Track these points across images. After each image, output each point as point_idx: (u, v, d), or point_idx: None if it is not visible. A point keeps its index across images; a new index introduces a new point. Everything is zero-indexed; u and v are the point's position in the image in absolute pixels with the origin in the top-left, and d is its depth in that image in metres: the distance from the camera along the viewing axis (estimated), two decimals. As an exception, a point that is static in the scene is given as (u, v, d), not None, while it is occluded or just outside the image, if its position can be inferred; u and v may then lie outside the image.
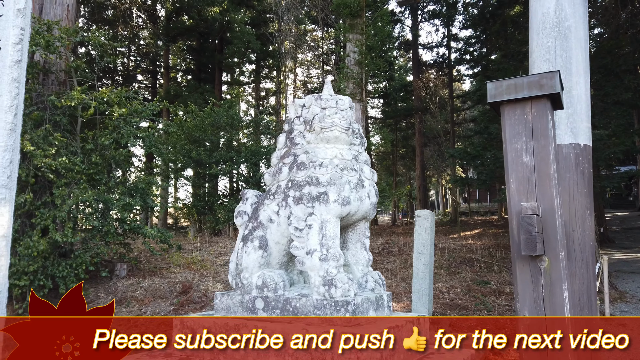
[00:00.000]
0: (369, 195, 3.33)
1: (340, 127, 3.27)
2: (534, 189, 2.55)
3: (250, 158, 15.04)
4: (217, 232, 16.08)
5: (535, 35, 3.92)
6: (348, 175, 3.22)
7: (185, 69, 26.78)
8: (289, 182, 3.29)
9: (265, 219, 3.42)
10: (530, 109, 2.60)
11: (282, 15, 20.82)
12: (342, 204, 3.11)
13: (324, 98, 3.39)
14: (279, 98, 26.88)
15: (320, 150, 3.27)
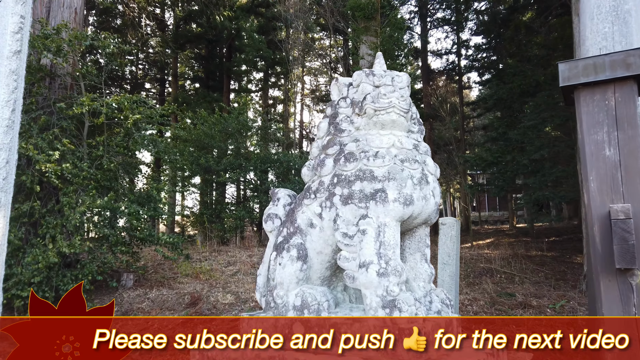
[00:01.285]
0: (433, 194, 2.80)
1: (399, 108, 2.72)
2: (621, 188, 2.16)
3: (259, 165, 14.71)
4: (225, 241, 15.80)
5: (589, 21, 3.54)
6: (410, 168, 2.70)
7: (193, 77, 26.62)
8: (335, 177, 2.78)
9: (305, 223, 2.90)
10: (612, 93, 2.22)
11: (290, 22, 20.64)
12: (405, 204, 2.59)
13: (377, 74, 2.87)
14: (287, 106, 26.65)
15: (373, 138, 2.76)
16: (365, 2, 10.60)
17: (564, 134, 12.28)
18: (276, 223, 3.17)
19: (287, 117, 24.72)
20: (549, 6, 16.68)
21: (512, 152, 12.77)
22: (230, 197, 17.76)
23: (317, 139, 3.17)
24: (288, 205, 3.21)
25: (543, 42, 15.83)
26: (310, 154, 3.18)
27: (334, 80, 3.20)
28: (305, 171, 3.08)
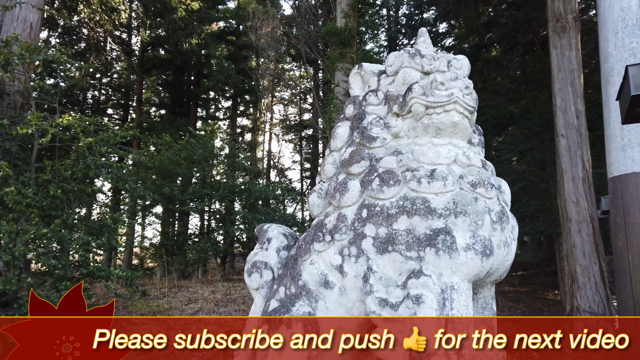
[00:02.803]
0: (513, 236, 2.03)
1: (464, 104, 2.00)
2: None
3: (226, 195, 13.97)
4: (187, 275, 14.86)
5: (612, 36, 3.16)
6: (485, 197, 1.92)
7: (159, 103, 25.78)
8: (363, 208, 1.95)
9: (315, 281, 2.00)
10: (701, 105, 1.74)
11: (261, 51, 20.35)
12: (483, 255, 1.79)
13: (427, 55, 2.13)
14: (255, 135, 26.10)
15: (424, 149, 1.97)
16: (341, 28, 10.31)
17: (539, 168, 12.15)
18: (266, 276, 2.21)
19: (255, 146, 24.12)
20: (516, 43, 16.99)
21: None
22: (193, 228, 16.84)
23: (331, 152, 2.27)
24: (284, 250, 2.28)
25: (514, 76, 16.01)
26: (321, 172, 2.28)
27: (355, 68, 2.35)
28: (315, 199, 2.23)
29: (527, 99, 13.96)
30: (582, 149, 8.50)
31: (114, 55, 23.17)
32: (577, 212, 8.11)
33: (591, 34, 15.56)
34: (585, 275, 7.73)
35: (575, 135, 8.59)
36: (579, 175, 8.32)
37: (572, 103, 8.74)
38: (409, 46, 2.21)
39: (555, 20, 9.18)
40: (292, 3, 21.80)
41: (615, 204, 3.05)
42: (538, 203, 11.14)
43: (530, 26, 15.68)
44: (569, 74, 8.89)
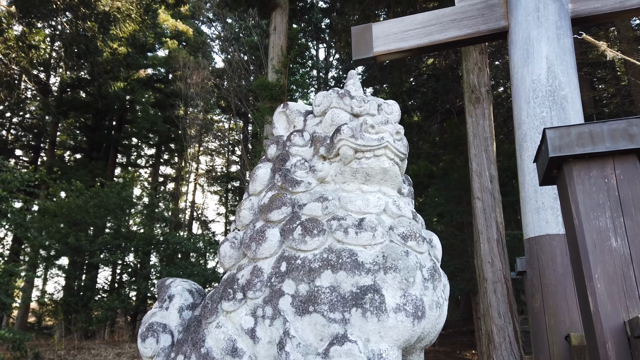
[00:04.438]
0: (444, 296, 1.90)
1: (395, 150, 1.85)
2: (637, 292, 1.65)
3: (141, 246, 13.08)
4: (90, 334, 13.46)
5: (525, 105, 3.36)
6: (416, 251, 1.78)
7: (75, 147, 24.28)
8: (282, 261, 1.74)
9: (221, 348, 1.70)
10: (612, 169, 1.79)
11: (190, 100, 20.09)
12: (415, 317, 1.61)
13: (357, 96, 1.99)
14: (178, 185, 25.20)
15: (352, 196, 1.81)
16: (272, 83, 10.43)
17: (457, 229, 12.65)
18: (163, 342, 1.85)
19: (177, 197, 23.20)
20: (435, 110, 18.17)
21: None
22: (102, 283, 15.49)
23: (249, 196, 2.05)
24: (188, 309, 1.94)
25: (434, 141, 16.93)
26: (236, 219, 2.04)
27: (280, 107, 2.20)
28: (227, 250, 1.97)
29: (445, 162, 14.75)
30: (495, 212, 8.95)
31: (29, 94, 21.78)
32: (492, 273, 8.40)
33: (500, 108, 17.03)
34: (500, 335, 7.90)
35: (489, 198, 9.06)
36: (493, 237, 8.70)
37: (486, 168, 9.29)
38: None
39: (470, 91, 9.91)
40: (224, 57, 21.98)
41: (532, 265, 3.11)
42: (457, 262, 11.49)
43: (448, 96, 16.89)
44: (483, 141, 9.51)
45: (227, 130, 25.76)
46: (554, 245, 2.94)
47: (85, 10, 15.61)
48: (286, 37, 11.63)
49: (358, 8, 14.21)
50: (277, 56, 11.25)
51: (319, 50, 24.61)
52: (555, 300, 2.83)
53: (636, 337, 1.55)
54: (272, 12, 12.05)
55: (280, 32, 11.68)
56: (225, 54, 22.42)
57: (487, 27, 3.77)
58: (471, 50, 10.02)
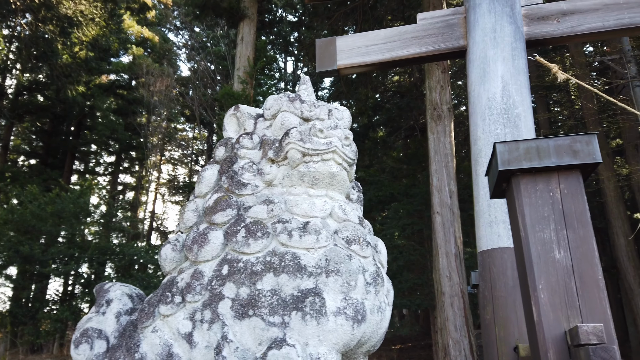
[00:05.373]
0: (388, 301, 1.90)
1: (343, 155, 1.85)
2: (577, 302, 1.70)
3: (96, 257, 12.62)
4: (37, 348, 12.82)
5: (480, 121, 3.46)
6: (360, 255, 1.77)
7: (29, 152, 23.33)
8: (225, 264, 1.70)
9: (156, 353, 1.64)
10: (557, 183, 1.85)
11: (153, 108, 19.73)
12: (355, 321, 1.60)
13: (308, 101, 1.99)
14: (138, 194, 24.55)
15: (299, 200, 1.80)
16: (238, 93, 10.37)
17: (418, 243, 12.83)
18: (98, 348, 1.75)
19: (137, 206, 22.58)
20: (399, 127, 18.51)
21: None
22: (52, 294, 14.82)
23: (195, 198, 2.01)
24: (126, 315, 1.86)
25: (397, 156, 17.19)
26: (179, 222, 2.01)
27: (231, 110, 2.17)
28: (168, 252, 1.92)
29: (408, 177, 15.00)
30: (454, 226, 9.14)
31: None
32: (450, 286, 8.55)
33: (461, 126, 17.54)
34: (456, 348, 8.01)
35: (449, 213, 9.25)
36: (452, 251, 8.86)
37: (446, 183, 9.50)
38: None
39: (432, 109, 10.15)
40: (191, 65, 21.76)
41: (484, 278, 3.18)
42: (416, 277, 11.62)
43: (412, 113, 17.25)
44: (444, 157, 9.73)
45: (191, 140, 25.40)
46: (505, 258, 3.01)
47: (46, 13, 15.15)
48: (253, 48, 11.63)
49: (326, 23, 14.40)
50: (243, 66, 11.22)
51: (287, 63, 24.71)
52: (506, 312, 2.90)
53: (575, 345, 1.60)
54: (240, 23, 12.05)
55: (247, 42, 11.68)
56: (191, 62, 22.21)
57: (447, 45, 3.88)
58: (434, 69, 10.29)
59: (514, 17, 3.65)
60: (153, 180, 24.38)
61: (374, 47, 4.04)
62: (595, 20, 3.56)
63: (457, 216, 9.34)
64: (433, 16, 4.03)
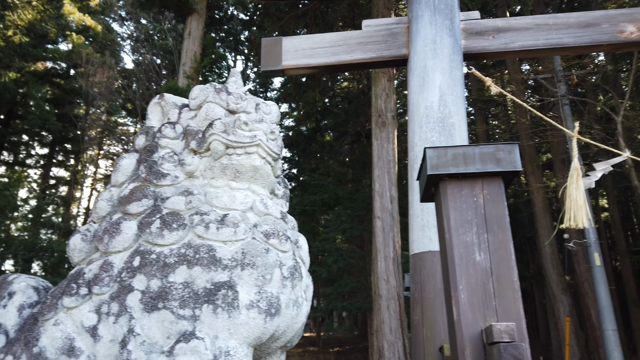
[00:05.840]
0: (306, 297, 1.88)
1: (267, 150, 1.84)
2: (494, 302, 1.79)
3: (21, 253, 11.87)
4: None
5: (418, 128, 3.57)
6: (278, 249, 1.76)
7: (-50, 140, 21.60)
8: (136, 255, 1.64)
9: (56, 347, 1.55)
10: (481, 189, 1.94)
11: (92, 100, 18.86)
12: (268, 314, 1.59)
13: (235, 93, 1.95)
14: (72, 189, 23.35)
15: (219, 192, 1.76)
16: (182, 88, 10.12)
17: (359, 247, 13.03)
18: None
19: (70, 202, 21.45)
20: (346, 132, 18.76)
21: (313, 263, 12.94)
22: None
23: (110, 187, 1.94)
24: (30, 308, 1.74)
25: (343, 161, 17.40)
26: (92, 211, 1.93)
27: (155, 98, 2.11)
28: (77, 242, 1.84)
29: (353, 182, 15.23)
30: (394, 231, 9.37)
31: None
32: (387, 290, 8.74)
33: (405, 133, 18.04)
34: (391, 350, 8.19)
35: (389, 218, 9.47)
36: (390, 255, 9.07)
37: (387, 189, 9.72)
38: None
39: (377, 115, 10.37)
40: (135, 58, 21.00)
41: (415, 280, 3.28)
42: (355, 280, 11.79)
43: (359, 119, 17.54)
44: (387, 163, 9.96)
45: (132, 135, 24.49)
46: (435, 261, 3.12)
47: (-22, -8, 14.16)
48: (201, 44, 11.40)
49: (277, 24, 14.36)
50: (189, 61, 10.97)
51: (236, 62, 24.42)
52: (433, 314, 3.00)
53: (489, 343, 1.68)
54: (188, 17, 11.78)
55: (195, 38, 11.43)
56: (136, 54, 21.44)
57: (390, 53, 3.98)
58: (380, 77, 10.52)
59: (453, 31, 3.80)
60: (89, 175, 23.27)
61: (319, 50, 4.07)
62: (527, 38, 3.78)
63: (397, 221, 9.58)
64: (377, 24, 4.12)
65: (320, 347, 18.65)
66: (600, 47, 3.81)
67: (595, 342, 11.77)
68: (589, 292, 11.89)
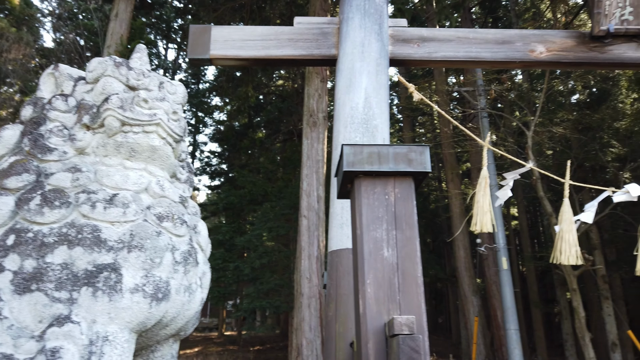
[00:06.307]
0: (202, 284, 1.81)
1: (168, 130, 1.76)
2: (397, 297, 1.86)
3: None
4: None
5: (343, 128, 3.63)
6: (172, 233, 1.69)
7: None
8: (11, 234, 1.53)
9: None
10: (393, 187, 2.01)
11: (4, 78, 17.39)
12: (154, 299, 1.52)
13: (137, 69, 1.87)
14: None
15: (111, 171, 1.66)
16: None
17: (284, 245, 13.04)
18: None
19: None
20: (279, 130, 18.73)
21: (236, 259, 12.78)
22: None
23: None
24: None
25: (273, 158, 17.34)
26: None
27: (49, 69, 1.97)
28: None
29: (282, 181, 15.21)
30: (319, 230, 9.47)
31: None
32: (309, 288, 8.82)
33: (337, 135, 18.30)
34: (309, 348, 8.27)
35: (315, 217, 9.56)
36: (314, 254, 9.16)
37: (315, 188, 9.81)
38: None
39: (309, 115, 10.44)
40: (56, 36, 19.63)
41: (331, 277, 3.33)
42: (278, 278, 11.78)
43: (292, 118, 17.57)
44: (316, 163, 10.06)
45: (49, 118, 22.88)
46: (351, 259, 3.19)
47: None
48: (129, 27, 10.87)
49: (212, 15, 14.02)
50: (115, 44, 10.43)
51: (168, 49, 23.56)
52: (346, 309, 3.07)
53: (390, 336, 1.74)
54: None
55: (122, 20, 10.89)
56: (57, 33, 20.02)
57: (320, 52, 4.01)
58: (314, 77, 10.61)
59: (381, 36, 3.91)
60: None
61: (250, 42, 4.02)
62: (449, 49, 3.97)
63: (323, 220, 9.70)
64: (309, 22, 4.14)
65: (241, 346, 18.46)
66: (514, 64, 4.09)
67: (500, 341, 12.62)
68: (496, 294, 12.73)
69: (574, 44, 3.98)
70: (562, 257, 3.30)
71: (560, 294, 16.12)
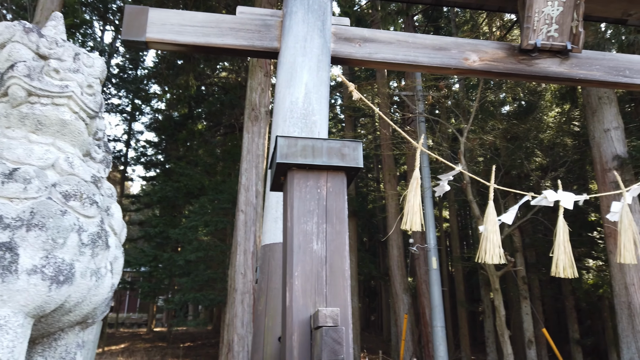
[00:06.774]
0: (112, 269, 1.72)
1: (81, 104, 1.66)
2: (324, 289, 1.87)
3: None
4: None
5: (282, 122, 3.61)
6: (79, 213, 1.59)
7: None
8: None
9: None
10: (325, 182, 2.01)
11: None
12: (54, 281, 1.43)
13: (49, 36, 1.74)
14: None
15: (15, 144, 1.55)
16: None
17: (220, 240, 12.81)
18: None
19: None
20: (219, 122, 18.37)
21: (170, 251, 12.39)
22: None
23: None
24: None
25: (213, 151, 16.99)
26: None
27: None
28: None
29: (221, 174, 14.93)
30: (256, 226, 9.38)
31: None
32: (243, 283, 8.72)
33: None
34: (240, 344, 8.19)
35: (252, 212, 9.46)
36: (250, 249, 9.07)
37: (254, 183, 9.71)
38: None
39: (251, 109, 10.31)
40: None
41: (263, 271, 3.31)
42: (213, 272, 11.56)
43: (234, 111, 17.28)
44: (256, 157, 9.95)
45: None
46: (283, 253, 3.18)
47: None
48: (61, 3, 10.21)
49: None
50: (44, 20, 9.76)
51: (105, 32, 22.41)
52: (276, 303, 3.06)
53: (315, 328, 1.75)
54: (49, -29, 10.47)
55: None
56: (-20, 4, 18.45)
57: (262, 44, 3.97)
58: (257, 71, 10.49)
59: (324, 32, 3.93)
60: None
61: (189, 28, 3.91)
62: (389, 51, 4.06)
63: (260, 215, 9.61)
64: (252, 12, 4.09)
65: (170, 342, 17.97)
66: (449, 70, 4.25)
67: (427, 337, 13.12)
68: (425, 292, 13.21)
69: (505, 55, 4.20)
70: (487, 256, 3.48)
71: (484, 294, 17.02)
